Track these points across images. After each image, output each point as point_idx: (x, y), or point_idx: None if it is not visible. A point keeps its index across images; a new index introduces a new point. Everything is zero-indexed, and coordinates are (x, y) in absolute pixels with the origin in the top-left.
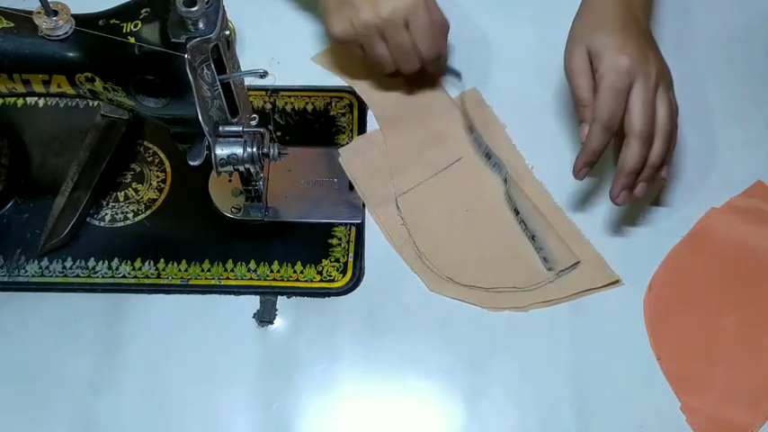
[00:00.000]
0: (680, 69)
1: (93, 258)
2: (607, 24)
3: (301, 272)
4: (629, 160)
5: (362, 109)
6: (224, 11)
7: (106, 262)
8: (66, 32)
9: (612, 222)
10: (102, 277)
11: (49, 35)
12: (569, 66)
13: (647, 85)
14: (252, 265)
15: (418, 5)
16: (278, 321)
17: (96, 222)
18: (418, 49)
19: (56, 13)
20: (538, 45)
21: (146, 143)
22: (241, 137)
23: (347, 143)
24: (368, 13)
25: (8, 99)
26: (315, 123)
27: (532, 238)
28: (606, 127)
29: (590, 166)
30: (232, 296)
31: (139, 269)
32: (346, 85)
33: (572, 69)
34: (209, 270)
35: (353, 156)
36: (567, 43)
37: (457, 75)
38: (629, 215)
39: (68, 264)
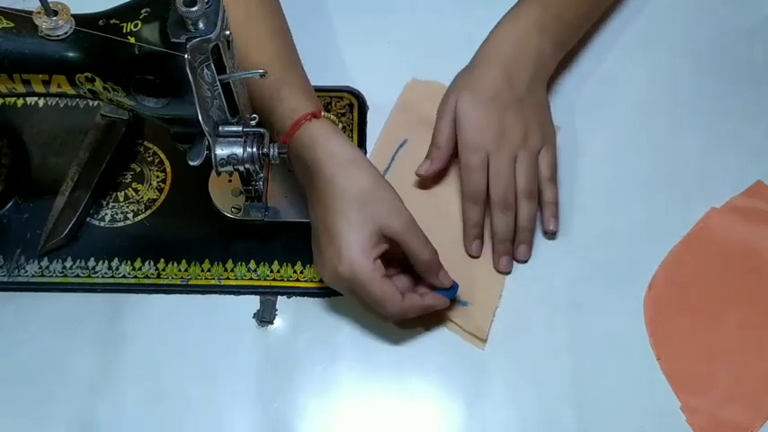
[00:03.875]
0: (680, 69)
1: (93, 258)
2: (478, 91)
3: (301, 272)
4: (495, 229)
5: (362, 109)
6: (224, 11)
7: (106, 262)
8: (66, 32)
9: (612, 222)
10: (102, 277)
11: (49, 35)
12: (439, 111)
13: (499, 157)
14: (252, 265)
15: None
16: (278, 321)
17: (96, 222)
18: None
19: (56, 13)
20: None
21: (146, 143)
22: (241, 137)
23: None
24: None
25: (8, 99)
26: None
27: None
28: (472, 200)
29: (479, 238)
30: (232, 296)
31: (139, 269)
32: (346, 85)
33: (440, 115)
34: (209, 270)
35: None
36: (448, 89)
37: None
38: (629, 215)
39: (68, 264)
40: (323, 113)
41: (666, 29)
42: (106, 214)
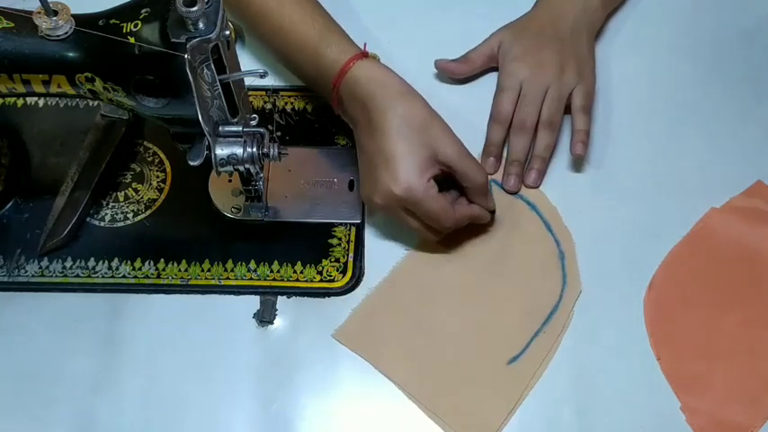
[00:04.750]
0: (680, 69)
1: (93, 258)
2: (523, 29)
3: (301, 272)
4: (510, 148)
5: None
6: (224, 11)
7: (106, 262)
8: (67, 32)
9: (612, 222)
10: (102, 277)
11: (49, 35)
12: (485, 41)
13: (532, 85)
14: (252, 265)
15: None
16: (278, 321)
17: (96, 222)
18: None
19: (56, 13)
20: None
21: (146, 143)
22: (241, 137)
23: (347, 144)
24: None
25: (8, 99)
26: (315, 123)
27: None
28: (497, 120)
29: (495, 156)
30: (232, 296)
31: (139, 269)
32: None
33: (483, 42)
34: (209, 270)
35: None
36: (498, 29)
37: None
38: (629, 215)
39: (68, 264)
40: (370, 54)
41: (666, 29)
42: (106, 214)
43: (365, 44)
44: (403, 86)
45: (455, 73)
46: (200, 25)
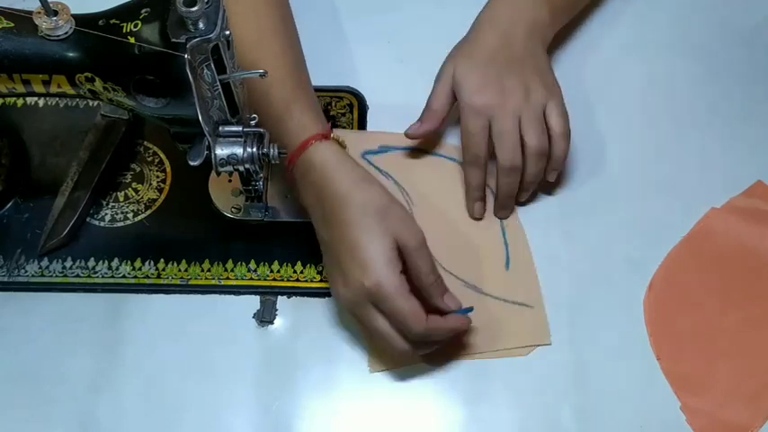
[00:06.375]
0: (680, 69)
1: (93, 258)
2: (475, 55)
3: (301, 272)
4: (500, 189)
5: (362, 109)
6: (224, 11)
7: (106, 262)
8: (67, 32)
9: (613, 222)
10: (102, 277)
11: (49, 35)
12: (437, 77)
13: (502, 118)
14: (252, 265)
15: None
16: (278, 321)
17: (96, 222)
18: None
19: (56, 13)
20: None
21: (146, 143)
22: (241, 137)
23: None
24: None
25: (8, 99)
26: None
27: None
28: (473, 164)
29: (481, 200)
30: (232, 296)
31: (139, 269)
32: (346, 84)
33: (437, 80)
34: (209, 270)
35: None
36: (446, 58)
37: None
38: (630, 215)
39: (68, 264)
40: (332, 135)
41: (666, 29)
42: (106, 214)
43: (330, 123)
44: (358, 173)
45: (425, 134)
46: (201, 25)
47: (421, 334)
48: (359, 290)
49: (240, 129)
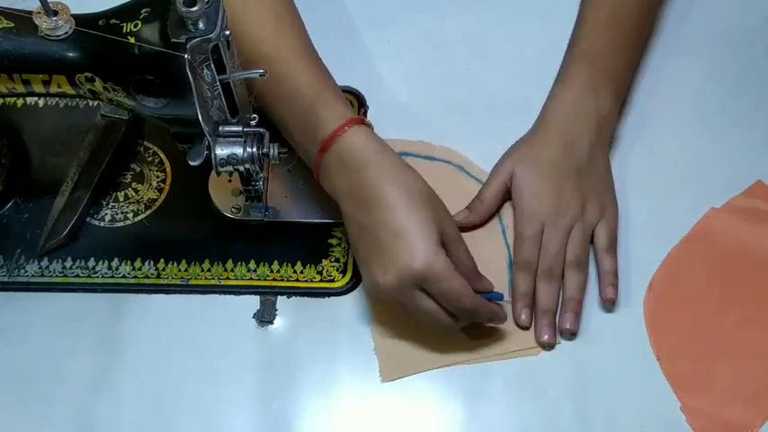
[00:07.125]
0: (680, 69)
1: (93, 258)
2: (539, 160)
3: (301, 272)
4: (538, 299)
5: (362, 109)
6: (224, 11)
7: (106, 262)
8: (67, 32)
9: None
10: (102, 277)
11: (49, 35)
12: (493, 170)
13: (555, 229)
14: (252, 265)
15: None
16: (278, 321)
17: (96, 222)
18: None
19: (56, 13)
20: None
21: (146, 143)
22: (241, 137)
23: None
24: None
25: (8, 99)
26: None
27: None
28: (524, 269)
29: (528, 307)
30: (232, 296)
31: (139, 269)
32: (346, 84)
33: (493, 174)
34: (209, 270)
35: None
36: (507, 151)
37: None
38: (630, 215)
39: (68, 264)
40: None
41: (666, 29)
42: (106, 214)
43: (364, 111)
44: (400, 160)
45: (470, 224)
46: (201, 25)
47: (471, 309)
48: (406, 274)
49: (240, 129)
